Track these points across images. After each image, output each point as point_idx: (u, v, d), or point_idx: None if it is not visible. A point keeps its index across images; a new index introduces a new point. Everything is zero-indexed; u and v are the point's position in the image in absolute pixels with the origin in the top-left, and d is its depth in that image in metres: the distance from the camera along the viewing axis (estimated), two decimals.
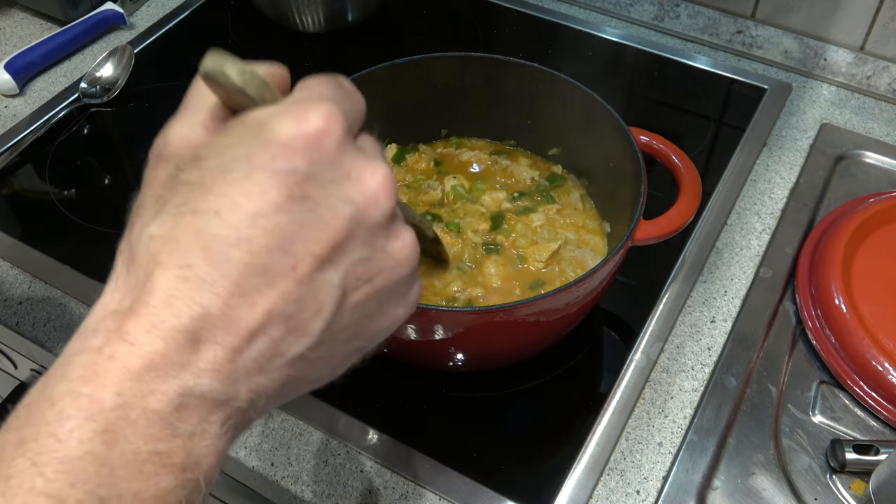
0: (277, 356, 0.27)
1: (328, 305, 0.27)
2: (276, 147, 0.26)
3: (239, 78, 0.27)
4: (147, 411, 0.24)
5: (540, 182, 0.70)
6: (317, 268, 0.27)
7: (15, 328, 0.68)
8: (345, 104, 0.29)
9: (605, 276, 0.56)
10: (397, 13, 1.01)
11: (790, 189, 0.78)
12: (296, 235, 0.26)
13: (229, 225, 0.25)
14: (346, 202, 0.27)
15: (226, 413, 0.26)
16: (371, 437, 0.60)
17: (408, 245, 0.30)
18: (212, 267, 0.25)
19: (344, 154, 0.27)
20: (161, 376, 0.24)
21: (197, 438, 0.25)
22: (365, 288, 0.29)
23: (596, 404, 0.61)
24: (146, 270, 0.25)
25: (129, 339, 0.24)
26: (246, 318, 0.25)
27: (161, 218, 0.26)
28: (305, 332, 0.27)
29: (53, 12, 0.98)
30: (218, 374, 0.25)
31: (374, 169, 0.28)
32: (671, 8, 0.95)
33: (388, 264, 0.29)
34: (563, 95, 0.66)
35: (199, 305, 0.25)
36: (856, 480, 0.57)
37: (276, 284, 0.26)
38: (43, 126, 0.84)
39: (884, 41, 0.86)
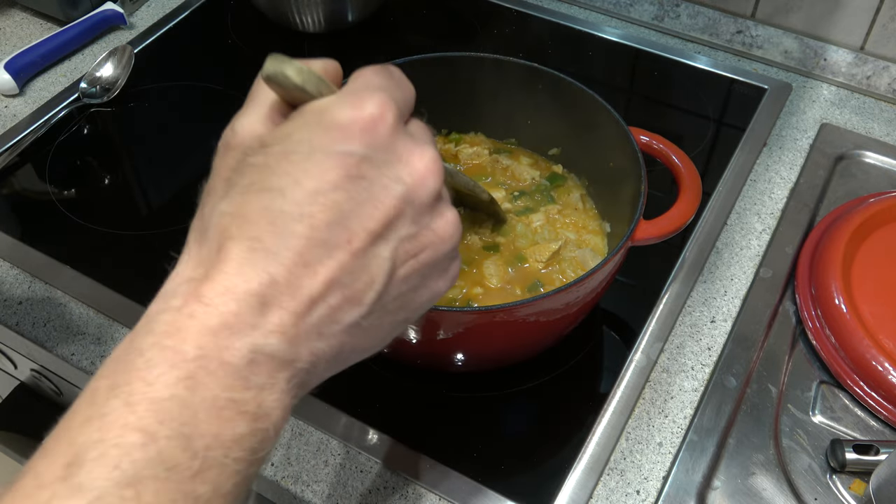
0: (334, 322, 0.29)
1: (380, 277, 0.30)
2: (335, 131, 0.29)
3: (298, 77, 0.30)
4: (223, 363, 0.27)
5: (540, 182, 0.70)
6: (370, 242, 0.29)
7: (15, 328, 0.68)
8: (396, 93, 0.31)
9: (605, 276, 0.56)
10: (397, 13, 1.01)
11: (790, 189, 0.78)
12: (352, 212, 0.29)
13: (293, 201, 0.28)
14: (398, 182, 0.30)
15: (290, 372, 0.28)
16: (371, 437, 0.60)
17: (451, 223, 0.32)
18: (278, 239, 0.28)
19: (396, 138, 0.30)
20: (235, 334, 0.27)
21: (266, 392, 0.28)
22: (412, 262, 0.31)
23: (596, 404, 0.61)
24: (219, 242, 0.28)
25: (205, 301, 0.27)
26: (308, 286, 0.28)
27: (231, 196, 0.29)
28: (359, 302, 0.30)
29: (53, 12, 0.98)
30: (283, 335, 0.28)
31: (422, 152, 0.31)
32: (671, 8, 0.95)
33: (433, 240, 0.32)
34: (563, 95, 0.66)
35: (267, 273, 0.27)
36: (856, 480, 0.57)
37: (335, 256, 0.28)
38: (43, 126, 0.84)
39: (884, 41, 0.86)
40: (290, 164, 0.28)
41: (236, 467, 0.27)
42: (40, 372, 0.77)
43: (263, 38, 0.97)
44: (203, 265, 0.28)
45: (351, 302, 0.29)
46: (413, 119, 0.34)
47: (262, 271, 0.27)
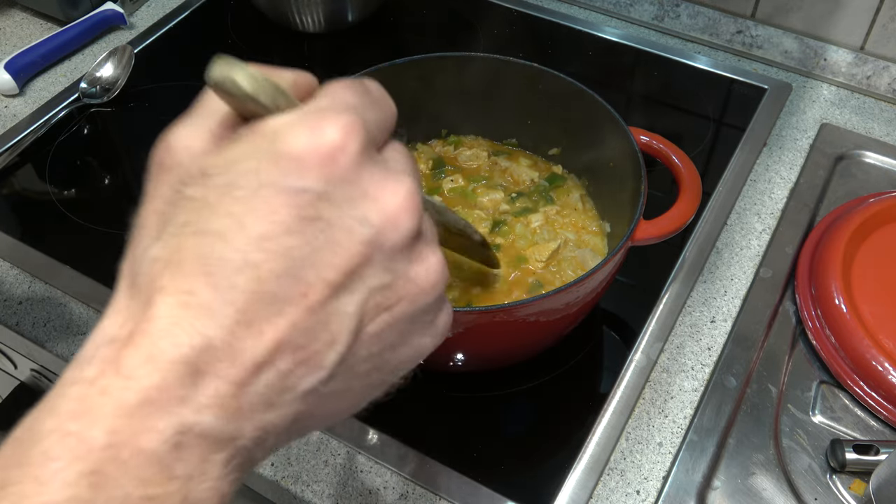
0: (287, 390, 0.25)
1: (343, 336, 0.25)
2: (287, 162, 0.24)
3: (250, 85, 0.25)
4: (140, 451, 0.22)
5: (539, 183, 0.70)
6: (330, 295, 0.25)
7: (15, 328, 0.68)
8: (368, 113, 0.27)
9: (605, 276, 0.56)
10: (397, 13, 1.01)
11: (790, 189, 0.78)
12: (307, 260, 0.24)
13: (234, 248, 0.23)
14: (363, 223, 0.25)
15: (229, 452, 0.24)
16: (371, 437, 0.60)
17: (433, 270, 0.27)
18: (215, 294, 0.23)
19: (361, 170, 0.25)
20: (157, 412, 0.22)
21: (196, 481, 0.23)
22: (384, 317, 0.26)
23: (596, 404, 0.61)
24: (147, 295, 0.24)
25: (124, 372, 0.23)
26: (252, 348, 0.23)
27: (164, 239, 0.25)
28: (318, 365, 0.25)
29: (53, 12, 0.98)
30: (221, 409, 0.23)
31: (395, 186, 0.26)
32: (671, 8, 0.95)
33: (410, 291, 0.27)
34: (563, 95, 0.66)
35: (201, 335, 0.23)
36: (856, 480, 0.57)
37: (286, 313, 0.24)
38: (43, 126, 0.84)
39: (884, 41, 0.86)
40: (233, 202, 0.24)
41: None
42: (40, 372, 0.77)
43: (263, 38, 0.97)
44: (130, 322, 0.24)
45: (307, 365, 0.25)
46: (391, 143, 0.28)
47: (195, 333, 0.23)
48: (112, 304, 0.25)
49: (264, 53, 0.94)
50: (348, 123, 0.25)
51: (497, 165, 0.72)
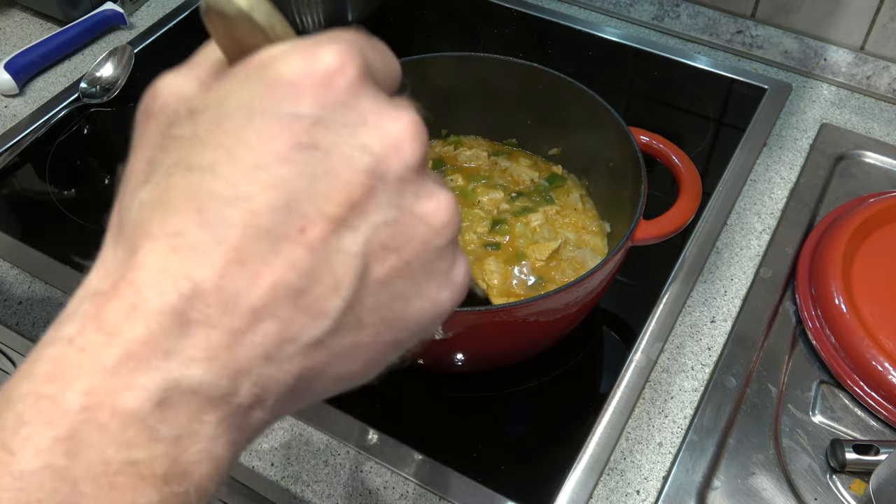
0: (288, 342, 0.22)
1: (347, 279, 0.22)
2: (280, 88, 0.22)
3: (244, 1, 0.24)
4: (120, 412, 0.20)
5: (539, 183, 0.70)
6: (331, 231, 0.22)
7: (15, 328, 0.68)
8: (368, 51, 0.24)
9: (605, 276, 0.56)
10: (397, 13, 1.01)
11: (790, 189, 0.78)
12: (304, 192, 0.22)
13: (226, 181, 0.21)
14: (363, 151, 0.23)
15: (223, 411, 0.21)
16: (371, 437, 0.60)
17: (444, 207, 0.25)
18: (205, 232, 0.21)
19: (360, 96, 0.23)
20: (140, 368, 0.20)
21: (185, 442, 0.21)
22: (392, 260, 0.23)
23: (596, 404, 0.61)
24: (134, 242, 0.22)
25: (105, 327, 0.20)
26: (246, 292, 0.21)
27: (152, 181, 0.22)
28: (321, 312, 0.22)
29: (53, 12, 0.98)
30: (212, 362, 0.21)
31: (397, 114, 0.24)
32: (671, 8, 0.95)
33: (419, 231, 0.24)
34: (563, 95, 0.66)
35: (190, 279, 0.21)
36: (856, 480, 0.57)
37: (282, 251, 0.21)
38: (43, 126, 0.84)
39: (884, 41, 0.86)
40: (224, 134, 0.22)
41: None
42: None
43: None
44: (114, 274, 0.22)
45: (309, 313, 0.22)
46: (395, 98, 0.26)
47: (182, 277, 0.21)
48: (97, 260, 0.23)
49: None
50: (345, 49, 0.23)
51: (497, 165, 0.72)
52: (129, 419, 0.20)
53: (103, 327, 0.21)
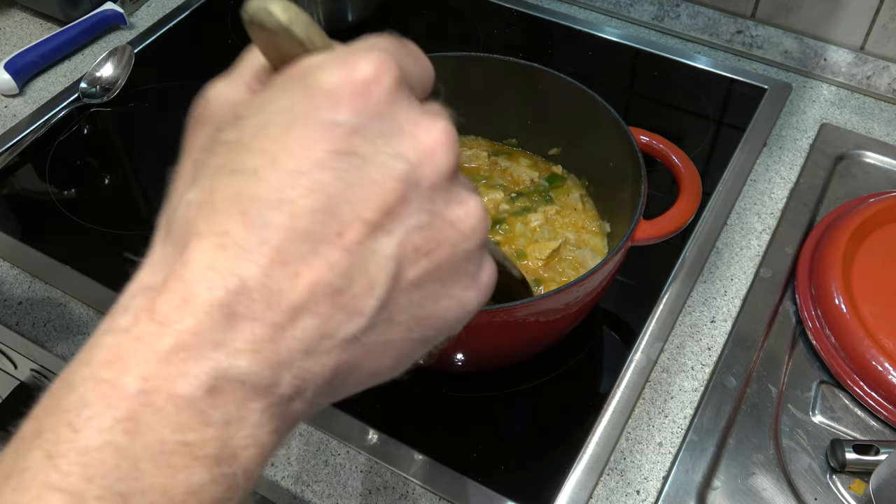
0: (326, 337, 0.24)
1: (381, 280, 0.24)
2: (320, 96, 0.24)
3: (284, 15, 0.25)
4: (175, 396, 0.22)
5: (539, 183, 0.70)
6: (367, 235, 0.24)
7: (15, 328, 0.68)
8: (403, 58, 0.26)
9: (605, 276, 0.56)
10: (397, 13, 1.01)
11: (790, 189, 0.78)
12: (342, 197, 0.23)
13: (269, 185, 0.23)
14: (398, 159, 0.24)
15: (267, 401, 0.23)
16: (371, 437, 0.60)
17: (473, 213, 0.26)
18: (250, 233, 0.23)
19: (395, 105, 0.25)
20: (192, 357, 0.22)
21: (233, 427, 0.22)
22: (423, 262, 0.25)
23: (596, 404, 0.61)
24: (182, 240, 0.23)
25: (158, 318, 0.22)
26: (288, 290, 0.23)
27: (199, 183, 0.24)
28: (357, 311, 0.24)
29: (53, 12, 0.98)
30: (257, 354, 0.22)
31: (430, 123, 0.25)
32: (671, 8, 0.95)
33: (450, 235, 0.26)
34: (563, 95, 0.66)
35: (236, 276, 0.22)
36: (856, 480, 0.57)
37: (322, 253, 0.23)
38: (43, 126, 0.84)
39: (884, 41, 0.86)
40: (267, 140, 0.23)
41: None
42: (40, 372, 0.77)
43: None
44: (164, 269, 0.23)
45: (346, 311, 0.24)
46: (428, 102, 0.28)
47: (229, 274, 0.22)
48: (147, 257, 0.25)
49: None
50: (381, 59, 0.24)
51: (497, 165, 0.72)
52: (182, 403, 0.22)
53: (156, 318, 0.22)
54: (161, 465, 0.21)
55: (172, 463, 0.22)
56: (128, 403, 0.21)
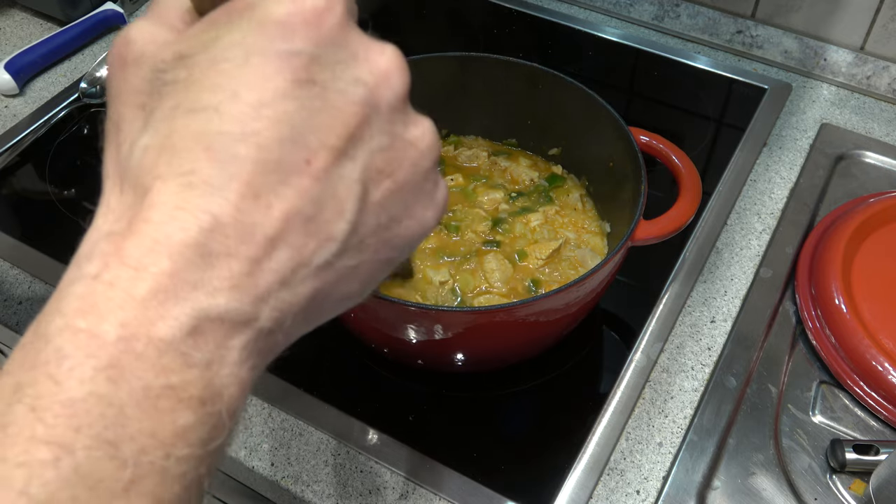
0: (301, 266, 0.24)
1: (350, 204, 0.24)
2: (273, 27, 0.23)
3: None
4: (155, 340, 0.21)
5: (539, 183, 0.70)
6: (333, 161, 0.24)
7: (15, 328, 0.68)
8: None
9: (605, 276, 0.56)
10: (397, 13, 1.01)
11: (790, 189, 0.78)
12: (306, 125, 0.23)
13: (232, 119, 0.23)
14: (357, 84, 0.25)
15: (247, 336, 0.23)
16: (371, 437, 0.60)
17: (428, 132, 0.27)
18: (218, 168, 0.22)
19: (347, 33, 0.25)
20: (170, 299, 0.22)
21: (215, 367, 0.22)
22: (387, 183, 0.26)
23: (596, 404, 0.61)
24: (143, 185, 0.23)
25: (130, 263, 0.22)
26: (262, 223, 0.23)
27: (153, 126, 0.23)
28: (329, 237, 0.24)
29: (53, 12, 0.98)
30: (236, 290, 0.22)
31: (381, 47, 0.26)
32: (671, 8, 0.95)
33: (409, 155, 0.26)
34: (563, 95, 0.66)
35: (208, 213, 0.22)
36: (856, 480, 0.57)
37: (291, 182, 0.23)
38: (43, 126, 0.84)
39: (884, 41, 0.86)
40: (223, 75, 0.23)
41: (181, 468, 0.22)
42: None
43: None
44: (126, 215, 0.23)
45: (318, 237, 0.24)
46: None
47: (201, 212, 0.22)
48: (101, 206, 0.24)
49: None
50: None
51: (497, 165, 0.72)
52: (164, 347, 0.21)
53: (127, 262, 0.22)
54: (147, 410, 0.21)
55: (159, 406, 0.21)
56: (108, 351, 0.21)
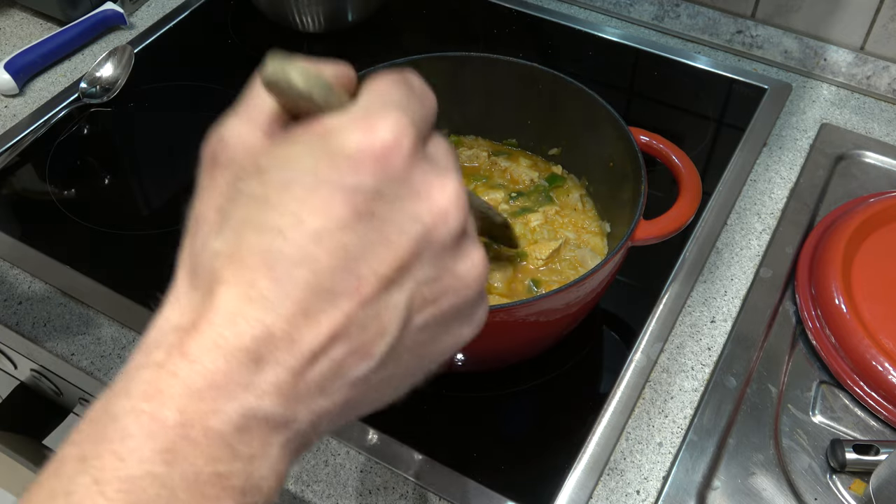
0: (339, 377, 0.26)
1: (392, 328, 0.27)
2: (343, 161, 0.25)
3: (304, 84, 0.26)
4: (208, 431, 0.24)
5: (539, 183, 0.70)
6: (382, 289, 0.26)
7: (15, 328, 0.68)
8: (415, 110, 0.27)
9: (605, 276, 0.56)
10: (397, 13, 1.01)
11: (790, 189, 0.78)
12: (361, 255, 0.25)
13: (294, 243, 0.25)
14: (414, 220, 0.26)
15: (286, 436, 0.26)
16: (371, 437, 0.60)
17: (477, 265, 0.29)
18: (276, 286, 0.25)
19: (412, 168, 0.27)
20: (223, 396, 0.24)
21: (258, 461, 0.25)
22: (430, 309, 0.28)
23: (596, 404, 0.61)
24: (209, 287, 0.25)
25: (191, 357, 0.24)
26: (309, 339, 0.25)
27: (224, 233, 0.26)
28: (368, 354, 0.26)
29: (53, 12, 0.98)
30: (280, 395, 0.25)
31: (443, 184, 0.27)
32: (671, 8, 0.95)
33: (455, 285, 0.28)
34: (563, 95, 0.66)
35: (262, 325, 0.24)
36: (856, 480, 0.57)
37: (340, 305, 0.25)
38: (43, 126, 0.84)
39: (884, 41, 0.86)
40: (292, 198, 0.25)
41: None
42: (40, 372, 0.77)
43: (263, 38, 0.97)
44: (192, 312, 0.25)
45: (358, 355, 0.26)
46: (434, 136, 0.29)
47: (256, 322, 0.24)
48: (172, 294, 0.27)
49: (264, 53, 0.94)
50: (399, 123, 0.26)
51: (497, 165, 0.72)
52: (215, 437, 0.24)
53: (188, 357, 0.24)
54: (196, 495, 0.23)
55: (206, 493, 0.24)
56: (166, 435, 0.23)
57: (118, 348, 0.66)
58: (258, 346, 0.24)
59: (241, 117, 0.28)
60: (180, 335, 0.25)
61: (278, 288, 0.25)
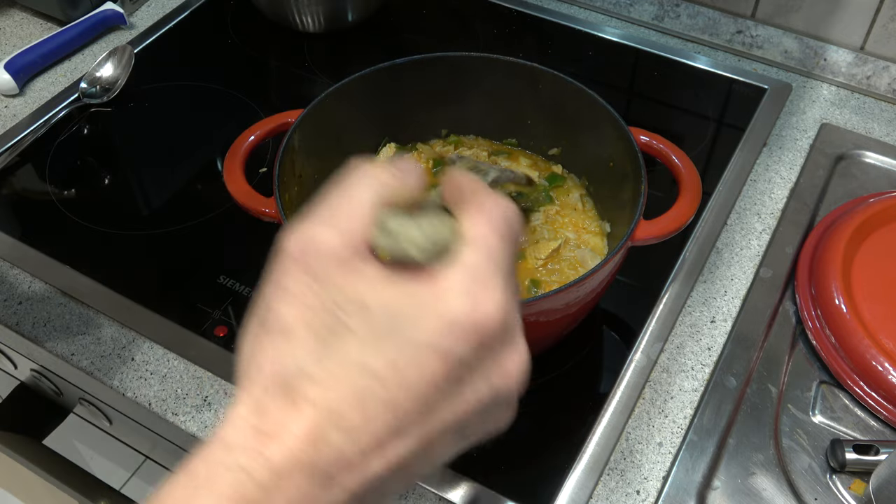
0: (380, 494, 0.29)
1: (441, 460, 0.31)
2: (447, 326, 0.28)
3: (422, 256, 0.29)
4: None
5: (539, 183, 0.70)
6: (443, 433, 0.30)
7: (15, 328, 0.68)
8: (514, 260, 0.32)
9: (605, 276, 0.56)
10: (397, 13, 1.01)
11: (790, 189, 0.78)
12: (438, 405, 0.29)
13: (388, 390, 0.28)
14: (488, 386, 0.30)
15: None
16: None
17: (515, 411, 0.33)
18: (362, 422, 0.28)
19: (502, 343, 0.30)
20: None
21: None
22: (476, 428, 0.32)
23: (596, 404, 0.61)
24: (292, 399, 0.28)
25: (276, 469, 0.27)
26: (374, 467, 0.28)
27: (322, 364, 0.28)
28: (412, 476, 0.30)
29: (53, 12, 0.98)
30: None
31: (516, 353, 0.32)
32: (671, 8, 0.95)
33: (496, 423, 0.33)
34: (563, 95, 0.66)
35: (340, 453, 0.27)
36: (856, 480, 0.57)
37: (408, 443, 0.29)
38: (43, 126, 0.84)
39: (884, 41, 0.86)
40: (393, 346, 0.28)
41: None
42: (40, 372, 0.77)
43: (263, 38, 0.97)
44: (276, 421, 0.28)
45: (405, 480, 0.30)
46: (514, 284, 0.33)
47: (337, 449, 0.27)
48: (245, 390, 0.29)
49: (264, 53, 0.94)
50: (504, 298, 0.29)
51: (497, 165, 0.72)
52: None
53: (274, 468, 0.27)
54: None
55: None
56: None
57: (118, 348, 0.66)
58: (332, 471, 0.27)
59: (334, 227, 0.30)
60: (262, 440, 0.27)
61: (364, 423, 0.28)
